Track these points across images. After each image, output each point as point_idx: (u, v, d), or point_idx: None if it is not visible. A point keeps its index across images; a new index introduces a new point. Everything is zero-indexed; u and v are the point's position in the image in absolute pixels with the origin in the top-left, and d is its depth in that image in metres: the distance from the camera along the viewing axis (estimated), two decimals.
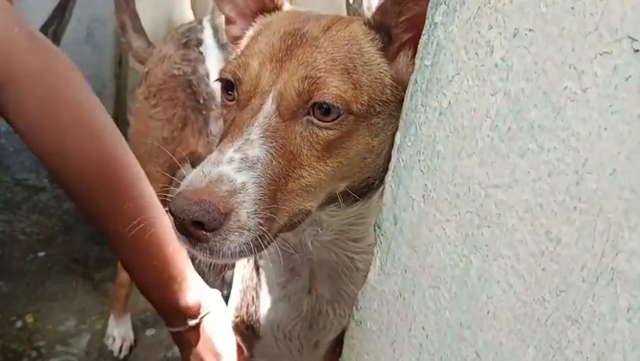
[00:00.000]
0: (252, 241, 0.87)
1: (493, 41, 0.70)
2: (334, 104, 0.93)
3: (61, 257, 2.58)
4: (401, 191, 0.87)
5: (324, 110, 0.94)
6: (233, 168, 0.88)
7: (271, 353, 1.40)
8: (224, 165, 0.88)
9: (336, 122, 0.94)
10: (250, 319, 1.37)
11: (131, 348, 2.32)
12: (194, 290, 1.35)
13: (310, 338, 1.31)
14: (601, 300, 0.58)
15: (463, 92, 0.75)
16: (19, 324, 2.26)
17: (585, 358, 0.60)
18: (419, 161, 0.83)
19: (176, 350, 2.30)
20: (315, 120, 0.94)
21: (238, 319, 1.41)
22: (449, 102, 0.78)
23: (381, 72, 1.00)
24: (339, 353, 1.31)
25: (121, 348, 2.30)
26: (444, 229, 0.78)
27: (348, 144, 0.97)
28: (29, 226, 2.70)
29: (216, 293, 1.42)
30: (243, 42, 1.13)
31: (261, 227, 0.88)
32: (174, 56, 2.09)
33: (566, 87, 0.60)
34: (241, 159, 0.89)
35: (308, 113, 0.95)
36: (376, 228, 0.92)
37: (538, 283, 0.64)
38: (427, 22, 0.81)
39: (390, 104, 1.00)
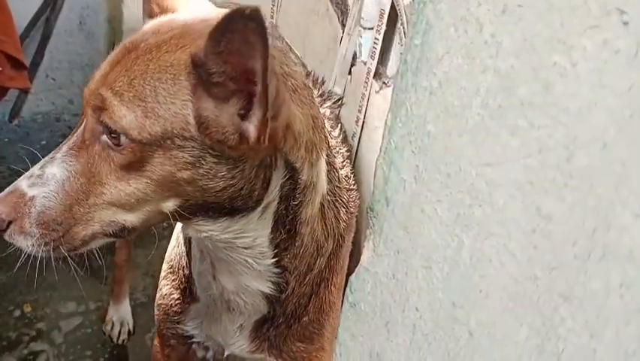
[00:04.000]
0: (37, 244, 1.02)
1: (482, 18, 0.69)
2: (112, 127, 0.95)
3: None
4: (392, 173, 0.86)
5: (112, 133, 0.96)
6: (29, 183, 1.01)
7: (207, 315, 1.40)
8: (23, 180, 1.01)
9: (121, 146, 0.96)
10: (186, 281, 1.38)
11: (129, 334, 2.30)
12: None
13: (233, 320, 1.32)
14: (593, 276, 0.57)
15: (453, 71, 0.74)
16: (16, 313, 2.27)
17: (578, 335, 0.59)
18: (410, 142, 0.82)
19: None
20: (109, 142, 0.97)
21: (176, 281, 1.41)
22: (439, 81, 0.77)
23: (185, 107, 0.94)
24: (264, 333, 1.32)
25: (119, 333, 2.27)
26: (435, 209, 0.77)
27: (147, 169, 0.97)
28: None
29: None
30: None
31: (46, 235, 1.01)
32: None
33: (555, 62, 0.59)
34: (38, 175, 1.00)
35: (104, 132, 0.97)
36: (369, 210, 0.92)
37: (530, 260, 0.64)
38: (415, 0, 0.80)
39: (196, 141, 0.95)
